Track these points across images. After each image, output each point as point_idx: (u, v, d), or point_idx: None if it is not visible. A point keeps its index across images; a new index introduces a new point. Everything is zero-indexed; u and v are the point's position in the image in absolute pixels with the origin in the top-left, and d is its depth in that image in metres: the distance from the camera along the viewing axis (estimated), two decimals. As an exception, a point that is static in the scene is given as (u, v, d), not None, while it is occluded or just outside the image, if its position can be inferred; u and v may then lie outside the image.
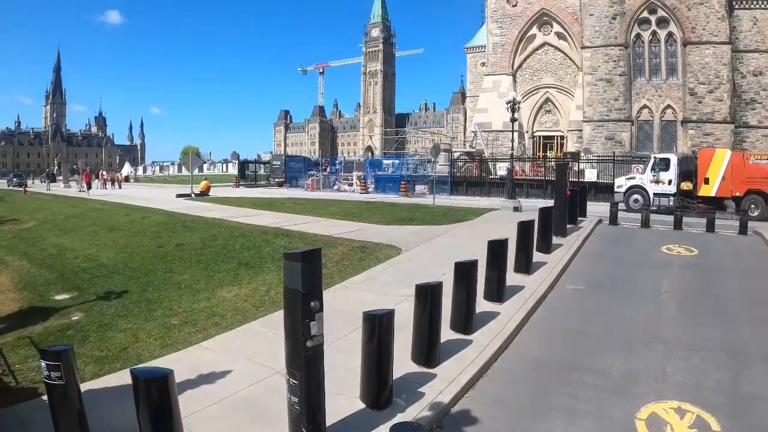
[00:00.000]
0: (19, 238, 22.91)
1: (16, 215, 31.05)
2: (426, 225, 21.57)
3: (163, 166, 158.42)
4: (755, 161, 27.90)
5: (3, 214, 32.59)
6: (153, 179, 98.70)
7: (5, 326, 11.36)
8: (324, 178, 49.94)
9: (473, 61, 76.49)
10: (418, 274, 12.54)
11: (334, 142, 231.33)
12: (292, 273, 5.57)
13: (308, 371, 5.60)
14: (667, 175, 29.45)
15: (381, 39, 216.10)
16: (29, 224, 26.60)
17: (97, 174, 69.96)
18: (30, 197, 43.89)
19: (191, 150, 58.39)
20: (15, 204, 39.24)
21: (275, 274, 13.67)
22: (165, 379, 4.66)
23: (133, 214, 25.99)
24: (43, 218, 28.16)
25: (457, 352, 8.44)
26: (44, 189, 55.05)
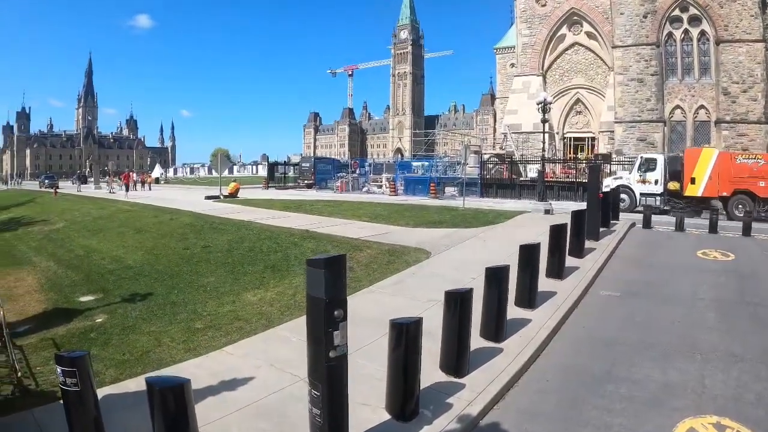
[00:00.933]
0: (48, 239, 23.18)
1: (46, 216, 31.47)
2: (455, 228, 21.35)
3: (194, 168, 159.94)
4: (743, 161, 28.07)
5: (33, 216, 33.12)
6: (183, 181, 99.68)
7: (29, 327, 11.42)
8: (353, 180, 49.86)
9: (502, 62, 76.14)
10: (448, 279, 12.51)
11: (363, 144, 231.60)
12: (315, 280, 5.44)
13: (331, 383, 5.45)
14: (653, 175, 29.73)
15: (410, 41, 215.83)
16: (58, 225, 26.91)
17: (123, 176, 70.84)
18: (60, 198, 44.55)
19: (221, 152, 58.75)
20: (45, 205, 39.85)
21: (302, 278, 13.47)
22: (181, 389, 4.52)
23: (161, 215, 26.19)
24: (71, 219, 28.48)
25: (486, 361, 8.20)
26: (75, 190, 55.83)
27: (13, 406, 7.28)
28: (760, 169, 27.31)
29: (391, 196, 40.82)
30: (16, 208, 41.43)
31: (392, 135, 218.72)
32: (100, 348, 9.51)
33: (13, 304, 13.49)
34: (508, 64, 71.88)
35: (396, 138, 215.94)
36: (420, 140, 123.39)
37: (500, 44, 78.47)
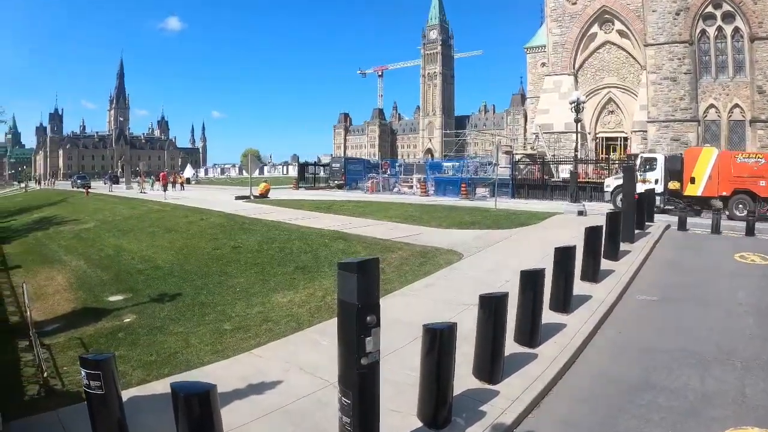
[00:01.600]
0: (78, 239, 23.41)
1: (77, 216, 31.87)
2: (487, 229, 21.11)
3: (224, 169, 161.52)
4: (743, 160, 27.96)
5: (64, 215, 33.55)
6: (214, 181, 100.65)
7: (57, 326, 11.47)
8: (384, 180, 49.87)
9: (533, 61, 75.49)
10: (480, 282, 12.30)
11: (393, 145, 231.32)
12: (347, 284, 5.30)
13: (362, 391, 5.30)
14: (653, 175, 29.74)
15: (439, 41, 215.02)
16: (89, 225, 27.20)
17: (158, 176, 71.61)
18: (92, 198, 45.14)
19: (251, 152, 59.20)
20: (77, 205, 40.41)
21: (332, 280, 13.41)
22: (207, 395, 4.40)
23: (192, 215, 26.33)
24: (102, 219, 28.80)
25: (521, 368, 7.99)
26: (106, 190, 56.52)
27: (39, 406, 7.27)
28: (760, 168, 27.26)
29: (422, 196, 40.71)
30: (49, 207, 42.02)
31: (422, 135, 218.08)
32: (127, 348, 9.50)
33: (43, 303, 13.62)
34: (539, 64, 71.25)
35: (426, 138, 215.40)
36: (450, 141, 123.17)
37: (530, 43, 77.80)
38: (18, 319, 12.24)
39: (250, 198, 38.03)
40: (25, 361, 9.19)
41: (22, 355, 9.57)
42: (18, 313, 12.75)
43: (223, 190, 55.65)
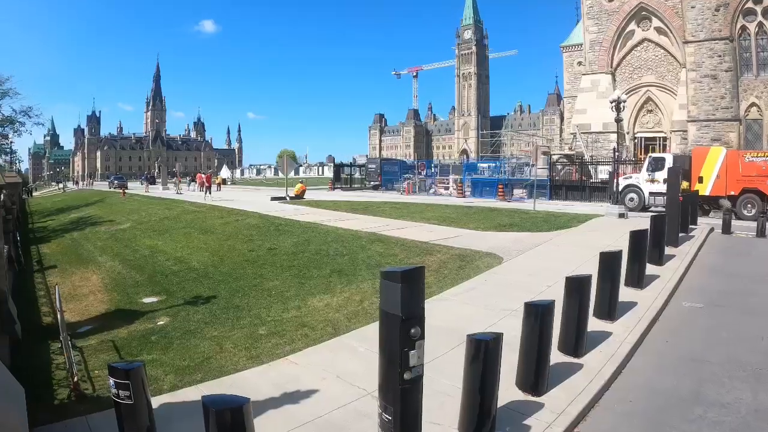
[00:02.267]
0: (114, 239, 23.59)
1: (113, 216, 32.27)
2: (527, 232, 20.80)
3: (260, 169, 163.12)
4: (751, 159, 28.14)
5: (101, 215, 34.00)
6: (249, 182, 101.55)
7: (90, 328, 11.44)
8: (420, 181, 49.80)
9: (569, 60, 74.52)
10: (522, 287, 12.10)
11: (428, 146, 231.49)
12: (391, 295, 5.05)
13: (404, 407, 5.07)
14: (662, 174, 29.32)
15: (473, 41, 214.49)
16: (124, 225, 27.46)
17: (194, 177, 72.36)
18: (128, 199, 45.65)
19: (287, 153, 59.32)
20: (113, 206, 40.93)
21: (370, 283, 13.26)
22: (240, 411, 4.15)
23: (227, 216, 26.40)
24: (138, 219, 29.06)
25: (566, 378, 7.68)
26: (143, 191, 57.19)
27: (68, 411, 7.16)
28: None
29: (459, 198, 40.59)
30: (85, 207, 42.69)
31: (458, 136, 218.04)
32: (160, 352, 9.41)
33: (76, 304, 13.65)
34: (575, 62, 70.30)
35: (461, 139, 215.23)
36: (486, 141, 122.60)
37: (567, 42, 76.79)
38: (51, 320, 12.23)
39: (285, 199, 38.12)
40: (56, 364, 9.12)
41: (53, 358, 9.51)
42: (51, 313, 12.75)
43: (258, 191, 55.95)
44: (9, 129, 43.87)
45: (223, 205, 32.62)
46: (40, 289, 15.81)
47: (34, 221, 39.99)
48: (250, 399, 4.25)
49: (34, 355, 9.66)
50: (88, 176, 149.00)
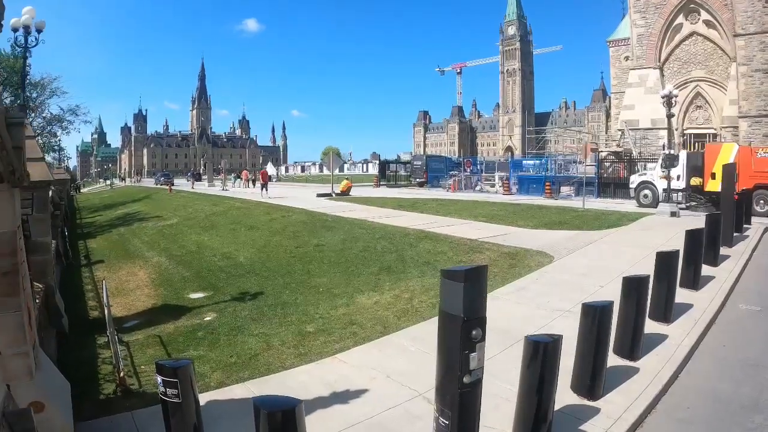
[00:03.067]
0: (161, 235, 23.85)
1: (160, 212, 32.70)
2: (577, 230, 20.38)
3: (305, 166, 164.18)
4: (763, 155, 27.87)
5: (148, 211, 34.52)
6: (294, 179, 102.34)
7: (137, 323, 11.49)
8: (466, 178, 49.43)
9: (616, 54, 72.90)
10: (573, 287, 11.93)
11: (473, 143, 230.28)
12: (452, 295, 4.90)
13: (462, 411, 4.92)
14: (675, 171, 29.47)
15: (517, 37, 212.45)
16: (171, 221, 27.78)
17: (239, 174, 73.11)
18: (174, 195, 46.30)
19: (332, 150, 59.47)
20: (160, 202, 41.53)
21: (419, 281, 13.10)
22: (292, 413, 3.98)
23: (274, 212, 26.47)
24: (185, 215, 29.37)
25: (622, 383, 7.44)
26: (189, 188, 57.92)
27: (114, 406, 7.16)
28: None
29: (505, 195, 40.23)
30: (133, 203, 43.44)
31: (502, 133, 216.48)
32: (207, 349, 9.38)
33: (124, 299, 13.76)
34: (622, 57, 68.71)
35: (506, 136, 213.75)
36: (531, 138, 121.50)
37: (613, 36, 75.05)
38: (98, 314, 12.33)
39: (331, 195, 38.23)
40: (102, 358, 9.17)
41: (99, 352, 9.57)
42: (98, 308, 12.87)
43: (304, 188, 56.22)
44: (57, 127, 44.84)
45: (269, 202, 32.83)
46: (88, 284, 16.01)
47: (82, 217, 40.84)
48: (302, 401, 4.08)
49: (81, 349, 9.74)
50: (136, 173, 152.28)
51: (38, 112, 41.76)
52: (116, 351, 8.05)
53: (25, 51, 19.36)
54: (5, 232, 4.82)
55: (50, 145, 47.68)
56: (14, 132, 4.83)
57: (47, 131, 44.29)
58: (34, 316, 5.65)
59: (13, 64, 33.33)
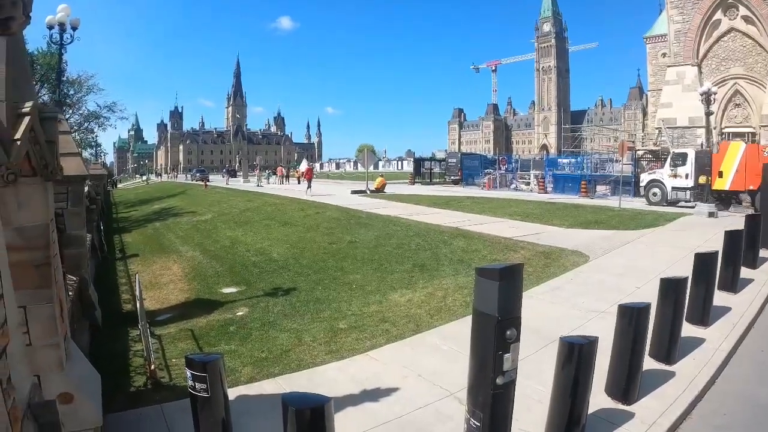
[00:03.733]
0: (195, 230, 24.03)
1: (195, 208, 32.99)
2: (613, 230, 20.12)
3: (339, 164, 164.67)
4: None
5: (183, 207, 34.85)
6: (329, 176, 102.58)
7: (170, 316, 11.58)
8: (500, 176, 49.12)
9: (653, 51, 71.63)
10: (609, 287, 11.80)
11: (508, 140, 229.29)
12: (486, 293, 4.85)
13: (494, 413, 4.86)
14: (684, 169, 30.59)
15: (553, 34, 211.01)
16: (206, 216, 27.97)
17: (274, 170, 73.61)
18: (210, 191, 46.69)
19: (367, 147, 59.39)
20: (195, 197, 41.91)
21: (452, 279, 13.03)
22: (321, 410, 3.95)
23: (307, 209, 26.52)
24: (219, 211, 29.56)
25: (657, 387, 7.27)
26: (224, 184, 58.41)
27: (144, 398, 7.23)
28: None
29: (540, 193, 39.95)
30: (168, 199, 43.93)
31: (537, 131, 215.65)
32: (238, 343, 9.41)
33: (157, 292, 13.87)
34: (659, 54, 67.51)
35: (541, 134, 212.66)
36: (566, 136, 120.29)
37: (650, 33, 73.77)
38: (131, 307, 12.44)
39: (366, 192, 38.27)
40: (134, 351, 9.25)
41: (131, 345, 9.66)
42: (131, 301, 12.99)
43: (338, 184, 56.36)
44: (94, 123, 45.86)
45: (303, 198, 32.91)
46: (122, 277, 16.18)
47: (118, 211, 41.38)
48: (331, 399, 4.04)
49: (113, 341, 9.83)
50: (171, 169, 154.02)
51: (75, 108, 42.65)
52: (148, 344, 8.10)
53: (60, 48, 19.74)
54: (38, 224, 4.86)
55: (87, 141, 48.62)
56: (47, 126, 4.87)
57: (84, 127, 45.23)
58: (66, 308, 5.70)
59: (50, 61, 33.98)
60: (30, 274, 4.69)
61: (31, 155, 4.69)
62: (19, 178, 4.44)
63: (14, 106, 4.47)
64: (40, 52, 35.92)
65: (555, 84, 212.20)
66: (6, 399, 1.99)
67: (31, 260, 4.75)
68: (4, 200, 3.86)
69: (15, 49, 4.61)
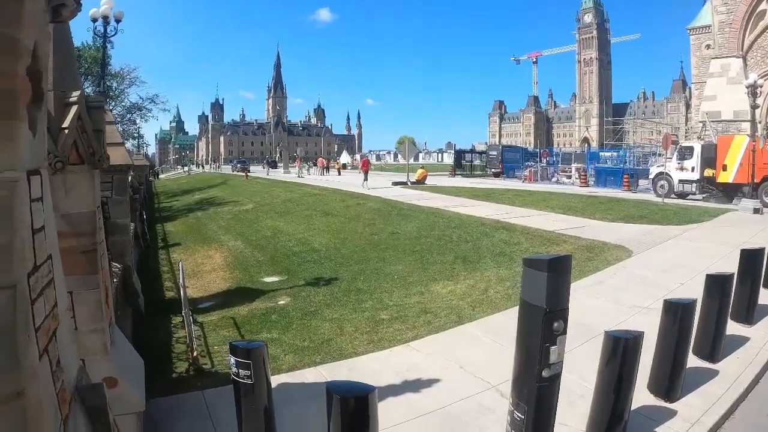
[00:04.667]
0: (237, 220, 24.26)
1: (236, 198, 33.33)
2: (656, 224, 19.72)
3: (380, 155, 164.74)
4: None
5: (224, 197, 35.22)
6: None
7: (212, 304, 11.72)
8: (542, 169, 48.60)
9: (697, 43, 69.74)
10: (652, 282, 11.60)
11: (548, 133, 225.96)
12: (534, 284, 4.79)
13: (539, 406, 4.79)
14: (690, 163, 31.48)
15: (594, 25, 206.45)
16: (247, 207, 28.24)
17: (315, 161, 73.97)
18: (250, 182, 47.01)
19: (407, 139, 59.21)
20: (236, 188, 42.26)
21: (494, 271, 12.95)
22: (365, 400, 3.94)
23: (349, 200, 26.63)
24: (260, 201, 29.82)
25: (700, 385, 7.09)
26: (264, 175, 58.83)
27: (185, 384, 7.33)
28: None
29: (582, 187, 39.39)
30: (210, 189, 44.44)
31: (579, 124, 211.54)
32: (280, 332, 9.48)
33: (199, 280, 14.05)
34: (703, 46, 65.69)
35: (582, 127, 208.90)
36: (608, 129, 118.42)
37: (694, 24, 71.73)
38: (174, 295, 12.62)
39: (407, 184, 38.19)
40: (176, 338, 9.39)
41: (174, 331, 9.81)
42: (175, 288, 13.17)
43: (379, 176, 56.32)
44: (136, 115, 46.62)
45: (344, 189, 33.01)
46: (164, 265, 16.43)
47: (160, 202, 42.02)
48: (376, 388, 4.02)
49: (156, 328, 9.97)
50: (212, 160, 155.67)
51: (118, 100, 43.33)
52: (190, 331, 8.19)
53: (104, 41, 20.09)
54: (85, 212, 4.93)
55: (130, 132, 49.36)
56: (94, 115, 4.94)
57: (127, 119, 45.99)
58: (111, 295, 5.78)
59: (94, 55, 34.65)
60: (77, 260, 4.77)
61: (79, 144, 4.76)
62: (66, 166, 4.51)
63: (62, 95, 4.54)
64: (84, 45, 36.59)
65: (596, 76, 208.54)
66: (55, 381, 2.01)
67: (78, 246, 4.83)
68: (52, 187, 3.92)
69: (62, 39, 4.67)
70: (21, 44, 1.78)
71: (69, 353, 2.32)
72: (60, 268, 2.35)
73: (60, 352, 2.12)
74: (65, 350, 2.22)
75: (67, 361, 2.22)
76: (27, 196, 1.86)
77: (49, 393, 1.92)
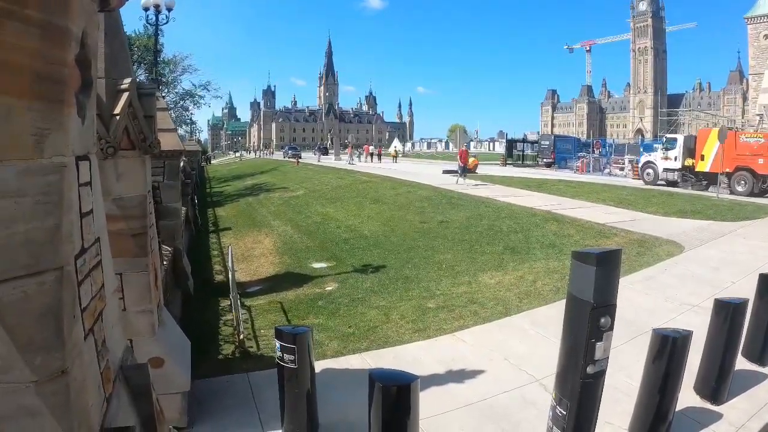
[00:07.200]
0: (287, 205, 24.50)
1: (287, 184, 33.62)
2: (710, 220, 19.14)
3: (431, 143, 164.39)
4: (745, 140, 30.60)
5: (275, 183, 35.56)
6: (420, 155, 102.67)
7: (260, 288, 11.89)
8: (594, 160, 47.74)
9: (754, 32, 67.75)
10: (704, 280, 11.33)
11: (602, 123, 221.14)
12: (582, 279, 4.73)
13: (582, 402, 4.74)
14: (673, 153, 33.82)
15: (649, 13, 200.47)
16: (297, 193, 28.48)
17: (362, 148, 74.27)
18: (301, 168, 47.40)
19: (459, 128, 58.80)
20: (287, 174, 42.66)
21: (543, 263, 12.81)
22: (407, 389, 3.98)
23: (399, 187, 26.59)
24: (311, 188, 30.02)
25: (748, 388, 6.88)
26: (315, 161, 59.18)
27: (231, 366, 7.46)
28: (759, 147, 29.60)
29: (635, 179, 38.42)
30: (260, 175, 44.87)
31: (632, 114, 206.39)
32: (326, 318, 9.57)
33: (248, 265, 14.26)
34: (761, 35, 63.90)
35: (636, 118, 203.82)
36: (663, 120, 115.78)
37: (751, 12, 69.67)
38: (223, 278, 12.85)
39: (458, 172, 37.92)
40: (224, 321, 9.56)
41: (221, 314, 9.99)
42: (224, 272, 13.40)
43: (430, 164, 56.27)
44: (189, 102, 47.35)
45: (395, 177, 32.96)
46: (214, 249, 16.72)
47: (212, 186, 42.70)
48: (418, 377, 4.05)
49: (204, 310, 10.19)
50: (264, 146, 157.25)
51: (171, 87, 44.07)
52: (238, 314, 8.34)
53: (156, 29, 20.53)
54: (136, 195, 5.05)
55: (182, 118, 50.20)
56: (145, 102, 5.05)
57: (180, 106, 46.75)
58: (160, 277, 5.92)
59: (147, 43, 35.32)
60: (127, 242, 4.90)
61: (130, 130, 4.87)
62: (118, 151, 4.63)
63: (113, 82, 4.64)
64: (136, 34, 37.25)
65: (651, 66, 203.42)
66: (100, 361, 2.07)
67: (129, 229, 4.95)
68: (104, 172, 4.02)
69: (113, 27, 4.78)
70: (69, 33, 1.83)
71: (115, 333, 2.38)
72: (108, 251, 2.41)
73: (106, 333, 2.18)
74: (111, 331, 2.28)
75: (112, 342, 2.28)
76: (75, 181, 1.91)
77: (93, 371, 1.98)
